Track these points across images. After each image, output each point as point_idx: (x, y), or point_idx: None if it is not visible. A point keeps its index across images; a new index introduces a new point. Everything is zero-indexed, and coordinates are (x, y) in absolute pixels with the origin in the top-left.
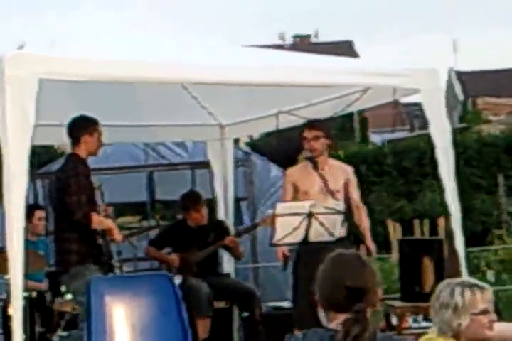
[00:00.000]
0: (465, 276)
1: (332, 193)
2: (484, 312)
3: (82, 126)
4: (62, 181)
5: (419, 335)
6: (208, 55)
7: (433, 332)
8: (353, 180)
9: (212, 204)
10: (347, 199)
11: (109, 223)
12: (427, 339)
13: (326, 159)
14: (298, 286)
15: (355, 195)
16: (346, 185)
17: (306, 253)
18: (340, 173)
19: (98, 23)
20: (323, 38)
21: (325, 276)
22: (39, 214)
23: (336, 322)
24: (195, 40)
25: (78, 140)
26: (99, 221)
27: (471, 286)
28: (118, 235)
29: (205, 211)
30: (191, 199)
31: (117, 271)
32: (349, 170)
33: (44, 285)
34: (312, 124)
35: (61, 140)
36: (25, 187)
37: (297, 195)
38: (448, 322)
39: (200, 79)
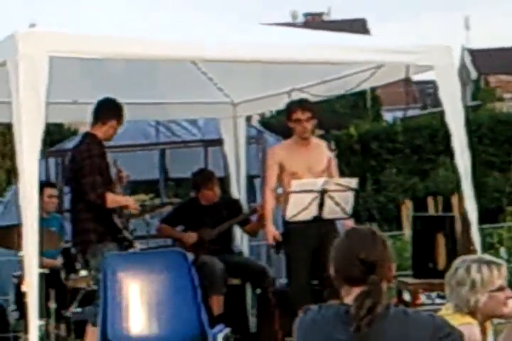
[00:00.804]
0: (479, 253)
1: (319, 173)
2: (501, 288)
3: (113, 111)
4: (77, 162)
5: (433, 312)
6: (220, 32)
7: (447, 309)
8: (332, 157)
9: (225, 182)
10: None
11: (123, 200)
12: (443, 316)
13: (312, 138)
14: (291, 265)
15: (335, 172)
16: (329, 163)
17: (293, 232)
18: (323, 151)
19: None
20: (335, 16)
21: (339, 250)
22: (49, 191)
23: (350, 297)
24: (208, 19)
25: (104, 122)
26: (114, 200)
27: (488, 263)
28: (134, 205)
29: (217, 189)
30: (203, 178)
31: (136, 248)
32: (325, 146)
33: (58, 261)
34: (305, 106)
35: (73, 118)
36: (38, 166)
37: (283, 174)
38: (465, 299)
39: (212, 56)
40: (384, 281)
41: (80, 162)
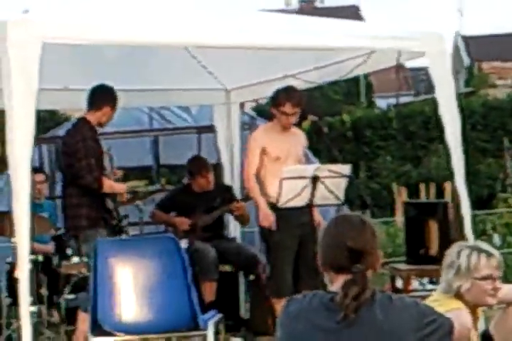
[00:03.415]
0: (471, 240)
1: (299, 159)
2: (486, 278)
3: (107, 97)
4: (70, 146)
5: (425, 298)
6: (213, 18)
7: (438, 294)
8: (306, 146)
9: (218, 168)
10: None
11: (121, 187)
12: (433, 301)
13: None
14: (276, 253)
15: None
16: (303, 153)
17: (280, 219)
18: (301, 140)
19: None
20: (328, 2)
21: (327, 237)
22: (38, 177)
23: (336, 284)
24: (200, 4)
25: (99, 108)
26: (111, 185)
27: (480, 251)
28: (125, 195)
29: (211, 176)
30: (197, 165)
31: (128, 234)
32: (303, 135)
33: (50, 247)
34: (295, 100)
35: (66, 104)
36: (31, 152)
37: (264, 159)
38: (450, 282)
39: (205, 42)
40: (370, 269)
41: (73, 145)
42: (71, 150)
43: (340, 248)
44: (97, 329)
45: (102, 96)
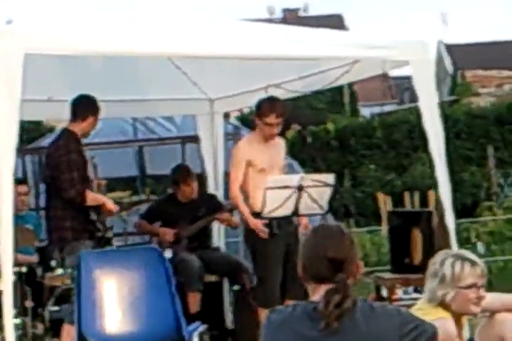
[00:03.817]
0: (455, 248)
1: (281, 169)
2: (471, 286)
3: (91, 107)
4: (54, 158)
5: (410, 307)
6: (196, 28)
7: (423, 303)
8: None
9: (202, 178)
10: None
11: (102, 198)
12: (417, 310)
13: None
14: (263, 263)
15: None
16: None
17: (267, 227)
18: (282, 149)
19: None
20: (312, 12)
21: (307, 247)
22: (21, 188)
23: (318, 294)
24: (183, 14)
25: (82, 118)
26: (94, 198)
27: (464, 259)
28: (112, 206)
29: (195, 185)
30: (181, 174)
31: (113, 246)
32: (283, 144)
33: (34, 258)
34: (279, 111)
35: (49, 115)
36: (13, 164)
37: (249, 171)
38: (434, 291)
39: (188, 52)
40: (351, 278)
41: (57, 158)
42: (55, 162)
43: (320, 259)
44: None
45: (86, 107)
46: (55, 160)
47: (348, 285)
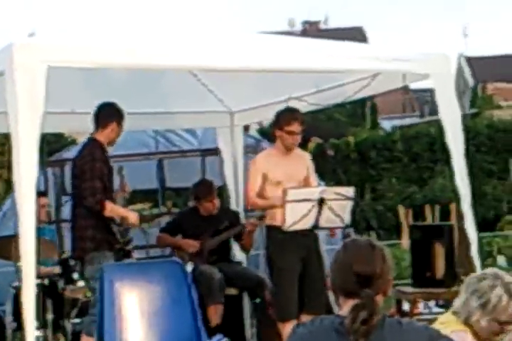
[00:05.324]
0: (477, 262)
1: (300, 181)
2: (506, 323)
3: (114, 114)
4: (79, 167)
5: (431, 321)
6: (217, 41)
7: (447, 316)
8: (312, 167)
9: (222, 191)
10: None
11: (124, 212)
12: (440, 323)
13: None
14: (280, 276)
15: (314, 182)
16: (308, 174)
17: (284, 241)
18: (305, 162)
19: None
20: (333, 24)
21: (337, 261)
22: (41, 201)
23: (345, 308)
24: (205, 28)
25: (105, 126)
26: (113, 209)
27: (510, 295)
28: (134, 219)
29: (217, 201)
30: (203, 190)
31: (133, 258)
32: (307, 156)
33: (57, 268)
34: (301, 119)
35: (72, 128)
36: (36, 176)
37: (265, 184)
38: (471, 310)
39: (209, 65)
40: (380, 294)
41: (81, 166)
42: (79, 171)
43: (347, 273)
44: None
45: (107, 114)
46: (79, 168)
47: (376, 301)
